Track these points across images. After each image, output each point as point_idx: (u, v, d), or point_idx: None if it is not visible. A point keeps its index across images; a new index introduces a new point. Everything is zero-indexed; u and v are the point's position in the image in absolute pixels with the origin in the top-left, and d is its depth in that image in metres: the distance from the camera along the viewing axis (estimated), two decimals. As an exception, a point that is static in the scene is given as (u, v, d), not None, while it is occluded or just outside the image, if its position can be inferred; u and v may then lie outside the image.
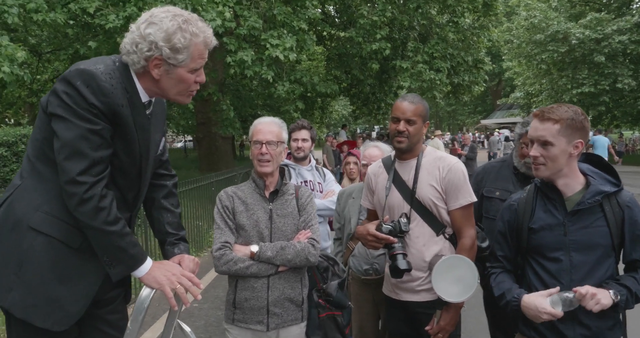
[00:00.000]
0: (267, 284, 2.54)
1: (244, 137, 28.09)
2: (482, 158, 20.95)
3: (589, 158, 2.35)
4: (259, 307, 2.54)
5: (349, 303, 2.73)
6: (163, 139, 2.17)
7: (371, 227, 2.58)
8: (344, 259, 3.40)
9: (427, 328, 2.61)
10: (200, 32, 1.86)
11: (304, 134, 3.89)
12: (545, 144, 2.12)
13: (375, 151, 3.36)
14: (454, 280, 2.45)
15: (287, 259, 2.52)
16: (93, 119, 1.75)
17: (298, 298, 2.61)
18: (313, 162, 4.01)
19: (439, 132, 17.09)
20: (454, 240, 2.66)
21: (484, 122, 46.76)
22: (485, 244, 2.67)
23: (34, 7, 8.85)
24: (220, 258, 2.52)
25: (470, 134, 41.49)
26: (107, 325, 2.01)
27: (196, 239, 8.20)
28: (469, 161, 14.56)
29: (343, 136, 20.67)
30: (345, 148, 15.23)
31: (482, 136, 40.36)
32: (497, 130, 38.49)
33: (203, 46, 1.89)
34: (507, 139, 24.52)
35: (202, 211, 8.78)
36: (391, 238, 2.51)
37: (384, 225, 2.55)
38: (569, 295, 2.05)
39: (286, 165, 3.78)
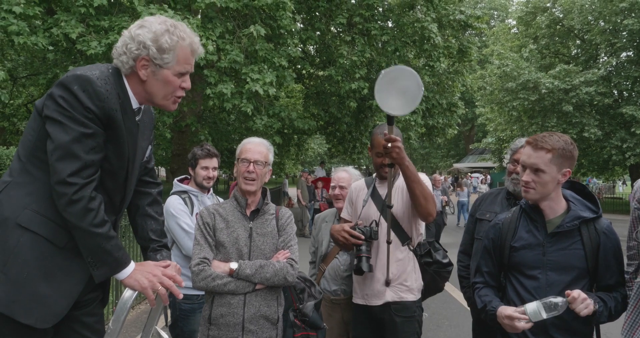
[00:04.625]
0: (243, 301, 2.54)
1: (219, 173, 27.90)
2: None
3: (573, 186, 2.46)
4: (235, 323, 2.54)
5: (324, 324, 2.75)
6: (150, 146, 2.20)
7: (346, 226, 2.95)
8: (316, 280, 3.44)
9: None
10: (187, 37, 1.95)
11: (215, 162, 3.64)
12: (537, 171, 2.22)
13: (344, 174, 3.59)
14: (399, 92, 2.49)
15: (266, 277, 2.53)
16: (88, 123, 1.79)
17: (274, 317, 2.61)
18: (211, 190, 3.83)
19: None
20: (416, 251, 3.01)
21: (456, 166, 47.57)
22: (446, 260, 3.02)
23: (16, 30, 8.84)
24: (199, 274, 2.51)
25: (442, 176, 41.98)
26: (83, 327, 1.98)
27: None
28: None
29: (320, 173, 20.77)
30: (320, 184, 15.32)
31: (451, 178, 40.81)
32: (469, 174, 39.19)
33: (189, 51, 1.96)
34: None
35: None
36: (361, 236, 2.85)
37: (357, 228, 2.89)
38: (553, 299, 2.09)
39: (186, 191, 3.61)
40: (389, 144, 2.62)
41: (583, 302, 2.08)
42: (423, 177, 2.91)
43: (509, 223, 2.38)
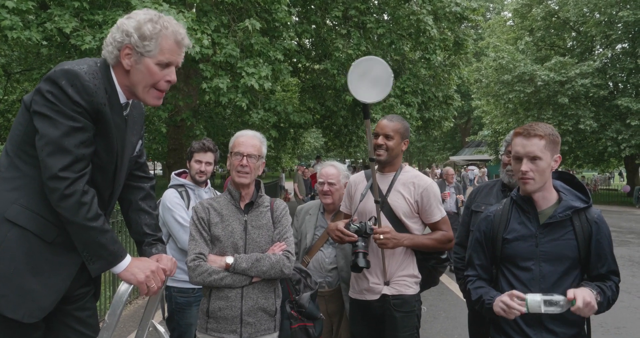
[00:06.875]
0: (241, 294, 2.55)
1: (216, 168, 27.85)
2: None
3: (562, 176, 2.46)
4: (233, 316, 2.55)
5: (320, 314, 2.76)
6: (140, 141, 2.20)
7: (341, 224, 2.92)
8: None
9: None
10: (171, 26, 1.94)
11: (209, 157, 3.66)
12: (534, 159, 2.22)
13: (332, 170, 3.49)
14: (371, 82, 2.63)
15: (262, 271, 2.53)
16: (77, 117, 1.78)
17: (271, 308, 2.62)
18: (209, 184, 3.85)
19: (407, 164, 17.26)
20: (415, 250, 2.96)
21: (452, 158, 47.57)
22: (444, 255, 3.03)
23: (9, 25, 8.77)
24: (195, 269, 2.52)
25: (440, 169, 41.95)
26: (76, 322, 1.99)
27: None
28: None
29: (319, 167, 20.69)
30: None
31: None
32: (464, 166, 39.25)
33: (173, 41, 1.94)
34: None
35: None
36: (355, 235, 2.82)
37: (352, 224, 2.86)
38: (557, 297, 2.07)
39: (183, 185, 3.64)
40: (380, 236, 2.76)
41: (587, 306, 2.05)
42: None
43: (500, 215, 2.38)
